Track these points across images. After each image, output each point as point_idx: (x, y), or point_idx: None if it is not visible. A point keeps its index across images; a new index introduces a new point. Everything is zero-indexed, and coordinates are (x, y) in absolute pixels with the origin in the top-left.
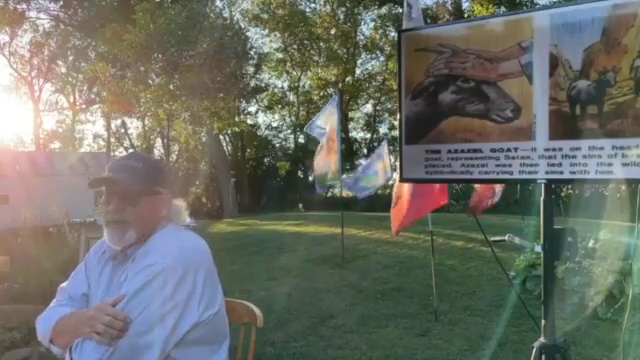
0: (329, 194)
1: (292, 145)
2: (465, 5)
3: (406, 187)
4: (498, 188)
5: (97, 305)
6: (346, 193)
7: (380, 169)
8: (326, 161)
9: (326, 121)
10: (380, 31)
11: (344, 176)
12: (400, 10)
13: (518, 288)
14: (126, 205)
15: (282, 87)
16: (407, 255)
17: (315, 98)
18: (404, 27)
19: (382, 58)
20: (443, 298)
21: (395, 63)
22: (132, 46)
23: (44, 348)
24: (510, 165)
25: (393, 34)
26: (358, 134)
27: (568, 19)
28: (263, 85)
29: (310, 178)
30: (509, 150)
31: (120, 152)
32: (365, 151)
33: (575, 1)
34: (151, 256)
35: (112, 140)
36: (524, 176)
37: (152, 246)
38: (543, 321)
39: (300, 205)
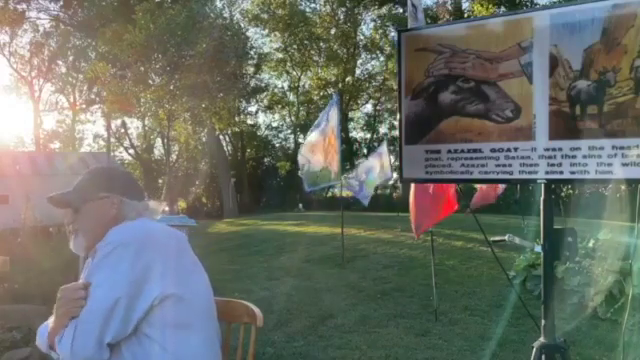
0: (329, 194)
1: (292, 145)
2: (465, 5)
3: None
4: (501, 189)
5: (59, 296)
6: (346, 193)
7: (378, 170)
8: (320, 160)
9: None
10: (380, 31)
11: (345, 175)
12: (400, 10)
13: (518, 288)
14: (74, 215)
15: (282, 87)
16: (407, 255)
17: (315, 98)
18: (410, 26)
19: (382, 58)
20: (443, 298)
21: (395, 63)
22: (132, 46)
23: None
24: (510, 165)
25: (393, 34)
26: (358, 134)
27: (568, 19)
28: (263, 85)
29: (300, 176)
30: (509, 150)
31: (120, 152)
32: (365, 151)
33: (575, 1)
34: (107, 239)
35: (112, 140)
36: (524, 176)
37: (110, 232)
38: (543, 321)
39: (300, 205)
